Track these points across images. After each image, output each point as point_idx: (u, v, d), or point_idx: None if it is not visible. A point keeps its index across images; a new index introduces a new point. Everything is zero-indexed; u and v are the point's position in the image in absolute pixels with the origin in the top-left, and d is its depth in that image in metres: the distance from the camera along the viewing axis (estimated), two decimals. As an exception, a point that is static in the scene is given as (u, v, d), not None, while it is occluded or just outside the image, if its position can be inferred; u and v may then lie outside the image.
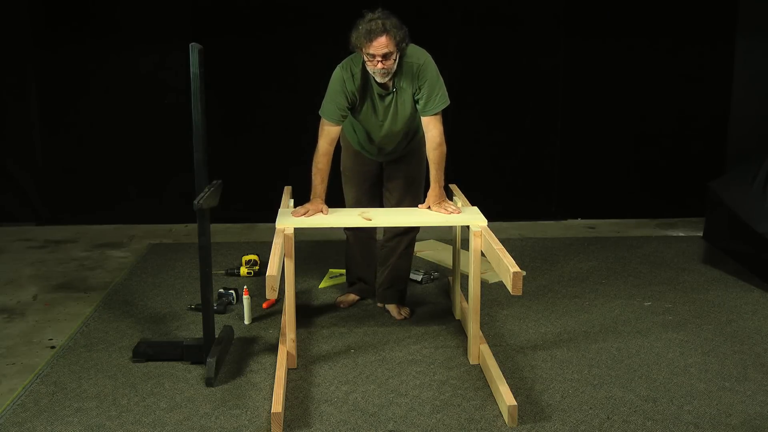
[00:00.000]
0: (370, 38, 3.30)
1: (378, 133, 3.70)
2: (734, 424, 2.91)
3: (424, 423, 2.91)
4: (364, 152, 3.87)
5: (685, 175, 5.97)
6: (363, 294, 4.16)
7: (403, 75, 3.50)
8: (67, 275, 4.68)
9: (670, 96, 5.87)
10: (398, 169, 3.87)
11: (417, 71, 3.49)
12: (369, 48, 3.32)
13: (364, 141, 3.79)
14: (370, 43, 3.30)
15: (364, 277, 4.13)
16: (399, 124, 3.65)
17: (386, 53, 3.33)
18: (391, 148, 3.79)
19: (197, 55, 3.13)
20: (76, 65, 5.61)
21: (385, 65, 3.36)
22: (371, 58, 3.35)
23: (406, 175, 3.87)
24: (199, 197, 3.14)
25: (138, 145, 5.74)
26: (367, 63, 3.39)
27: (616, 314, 4.00)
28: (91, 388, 3.18)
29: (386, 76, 3.43)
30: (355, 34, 3.36)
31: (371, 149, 3.82)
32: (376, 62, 3.34)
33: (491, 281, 4.45)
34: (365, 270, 4.12)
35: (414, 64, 3.49)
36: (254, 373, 3.33)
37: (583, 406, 3.05)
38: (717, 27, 5.78)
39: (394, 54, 3.36)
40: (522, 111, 5.82)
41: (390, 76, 3.45)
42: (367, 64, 3.40)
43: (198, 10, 5.57)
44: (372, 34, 3.29)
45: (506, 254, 2.97)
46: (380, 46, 3.31)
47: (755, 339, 3.69)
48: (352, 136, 3.85)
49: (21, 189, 5.78)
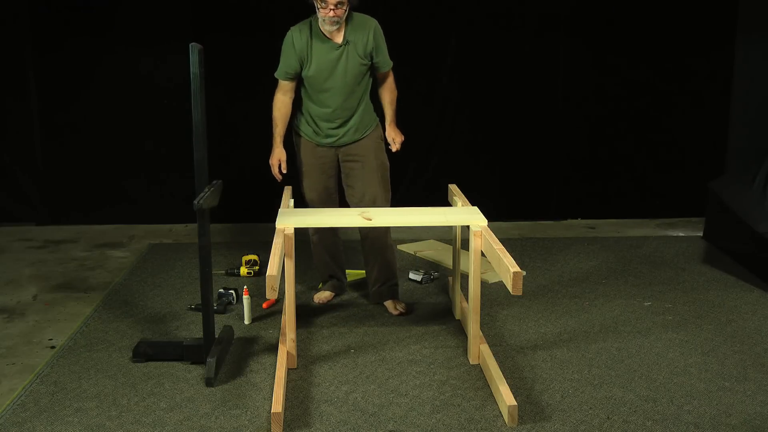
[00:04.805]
0: None
1: (328, 96, 3.78)
2: (734, 424, 2.91)
3: (424, 423, 2.91)
4: (318, 138, 3.89)
5: (685, 175, 5.97)
6: (337, 290, 4.24)
7: (355, 30, 3.72)
8: (67, 275, 4.68)
9: (670, 96, 5.86)
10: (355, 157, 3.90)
11: (374, 29, 3.75)
12: None
13: (318, 117, 3.84)
14: None
15: (335, 274, 4.21)
16: (349, 77, 3.76)
17: (338, 2, 3.55)
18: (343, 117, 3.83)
19: (197, 55, 3.13)
20: (75, 65, 5.61)
21: (336, 13, 3.57)
22: (324, 6, 3.56)
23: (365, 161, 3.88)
24: (199, 197, 3.15)
25: (138, 145, 5.74)
26: (319, 12, 3.60)
27: (616, 314, 4.00)
28: (91, 388, 3.18)
29: (335, 24, 3.63)
30: None
31: (325, 127, 3.85)
32: (329, 10, 3.56)
33: (491, 281, 4.45)
34: (334, 267, 4.20)
35: (369, 23, 3.76)
36: (254, 373, 3.34)
37: (583, 406, 3.05)
38: (717, 27, 5.77)
39: (345, 5, 3.59)
40: (522, 111, 5.82)
41: (339, 26, 3.65)
42: (320, 12, 3.60)
43: (198, 10, 5.56)
44: None
45: (506, 254, 2.97)
46: None
47: (755, 339, 3.69)
48: (305, 127, 3.91)
49: (21, 189, 5.78)
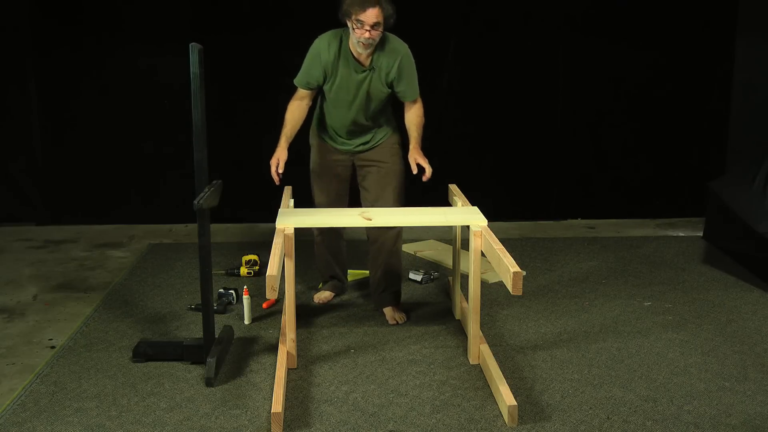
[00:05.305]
0: (364, 7, 3.42)
1: (347, 114, 3.74)
2: (734, 424, 2.91)
3: (424, 423, 2.91)
4: (335, 144, 3.88)
5: (685, 175, 5.97)
6: (337, 290, 4.24)
7: (383, 56, 3.61)
8: (67, 275, 4.67)
9: (670, 96, 5.86)
10: (371, 162, 3.88)
11: (402, 58, 3.64)
12: (360, 15, 3.43)
13: (335, 127, 3.82)
14: (363, 11, 3.42)
15: (336, 274, 4.20)
16: (370, 101, 3.72)
17: (376, 23, 3.44)
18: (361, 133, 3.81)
19: (197, 55, 3.13)
20: (75, 65, 5.61)
21: (371, 35, 3.46)
22: (360, 26, 3.45)
23: (380, 166, 3.86)
24: (199, 197, 3.15)
25: (138, 145, 5.73)
26: (354, 31, 3.48)
27: (616, 314, 4.00)
28: (91, 388, 3.18)
29: (369, 47, 3.53)
30: (348, 1, 3.47)
31: (342, 136, 3.83)
32: (365, 30, 3.44)
33: (491, 281, 4.45)
34: (336, 268, 4.19)
35: (399, 50, 3.65)
36: (254, 373, 3.34)
37: (583, 406, 3.05)
38: (717, 27, 5.77)
39: (381, 26, 3.48)
40: (522, 111, 5.82)
41: (371, 49, 3.56)
42: (354, 33, 3.48)
43: (198, 10, 5.56)
44: (366, 3, 3.43)
45: (506, 254, 2.97)
46: (372, 16, 3.43)
47: (755, 339, 3.69)
48: (321, 132, 3.88)
49: (21, 189, 5.78)
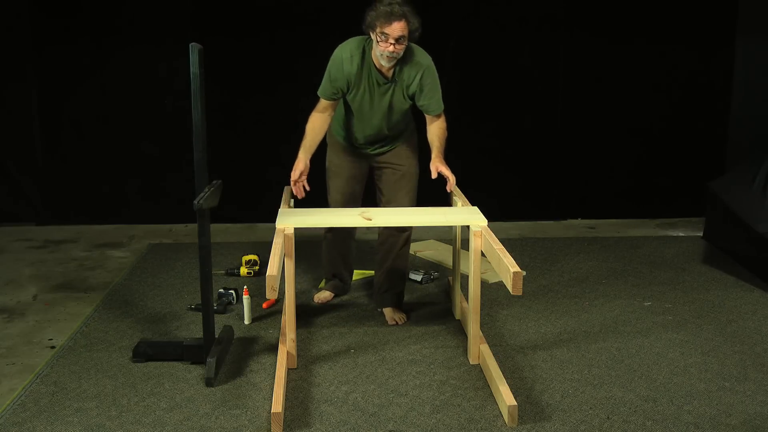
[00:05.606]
0: (390, 20, 3.38)
1: (368, 124, 3.72)
2: (734, 424, 2.91)
3: (424, 423, 2.91)
4: (353, 147, 3.87)
5: (685, 175, 5.97)
6: (338, 291, 4.22)
7: (406, 69, 3.56)
8: (67, 275, 4.67)
9: (670, 96, 5.86)
10: (388, 164, 3.87)
11: (424, 71, 3.58)
12: (385, 28, 3.38)
13: (353, 134, 3.80)
14: (389, 24, 3.38)
15: (340, 274, 4.19)
16: (394, 115, 3.70)
17: (400, 36, 3.40)
18: (380, 141, 3.80)
19: (197, 55, 3.13)
20: (75, 65, 5.60)
21: (396, 49, 3.42)
22: (384, 39, 3.40)
23: (396, 168, 3.85)
24: (199, 197, 3.14)
25: (138, 145, 5.73)
26: (378, 44, 3.44)
27: (616, 314, 4.00)
28: (91, 388, 3.18)
29: (392, 60, 3.49)
30: (373, 13, 3.42)
31: (360, 140, 3.82)
32: (389, 44, 3.40)
33: (491, 281, 4.45)
34: (341, 268, 4.17)
35: (422, 63, 3.58)
36: (254, 373, 3.34)
37: (583, 406, 3.05)
38: (717, 27, 5.77)
39: (406, 40, 3.44)
40: (522, 111, 5.82)
41: (395, 63, 3.51)
42: (378, 45, 3.44)
43: (198, 10, 5.56)
44: (392, 16, 3.38)
45: (506, 254, 2.97)
46: (397, 29, 3.39)
47: (755, 339, 3.69)
48: (339, 132, 3.86)
49: (21, 189, 5.78)
